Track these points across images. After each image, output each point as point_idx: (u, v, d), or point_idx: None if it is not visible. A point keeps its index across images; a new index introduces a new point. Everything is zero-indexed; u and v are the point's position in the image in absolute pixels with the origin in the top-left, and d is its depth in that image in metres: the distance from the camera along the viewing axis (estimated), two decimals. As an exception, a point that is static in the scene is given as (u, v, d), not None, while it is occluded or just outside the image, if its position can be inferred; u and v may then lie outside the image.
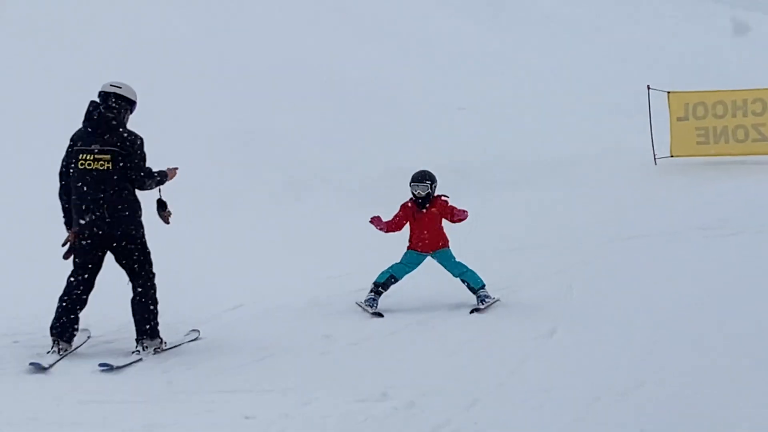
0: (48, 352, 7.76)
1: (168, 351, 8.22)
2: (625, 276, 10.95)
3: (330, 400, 6.76)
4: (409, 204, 9.99)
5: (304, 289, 10.56)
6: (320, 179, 16.81)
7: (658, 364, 7.51)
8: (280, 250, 12.70)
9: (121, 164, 7.75)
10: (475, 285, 9.74)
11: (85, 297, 7.94)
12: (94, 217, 7.74)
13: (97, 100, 7.95)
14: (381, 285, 9.83)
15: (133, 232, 7.90)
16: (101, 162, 7.73)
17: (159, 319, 8.10)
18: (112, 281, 8.26)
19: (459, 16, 28.16)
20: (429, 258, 9.96)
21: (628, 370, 7.32)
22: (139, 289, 7.99)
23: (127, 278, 8.11)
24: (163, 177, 8.12)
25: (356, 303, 9.82)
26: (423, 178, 9.89)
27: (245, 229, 13.83)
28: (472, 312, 9.49)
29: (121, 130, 7.84)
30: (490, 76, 24.28)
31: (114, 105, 7.88)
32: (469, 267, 9.85)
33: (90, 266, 7.92)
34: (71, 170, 7.87)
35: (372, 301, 9.70)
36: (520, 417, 6.38)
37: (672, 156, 18.69)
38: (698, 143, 18.77)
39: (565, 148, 19.53)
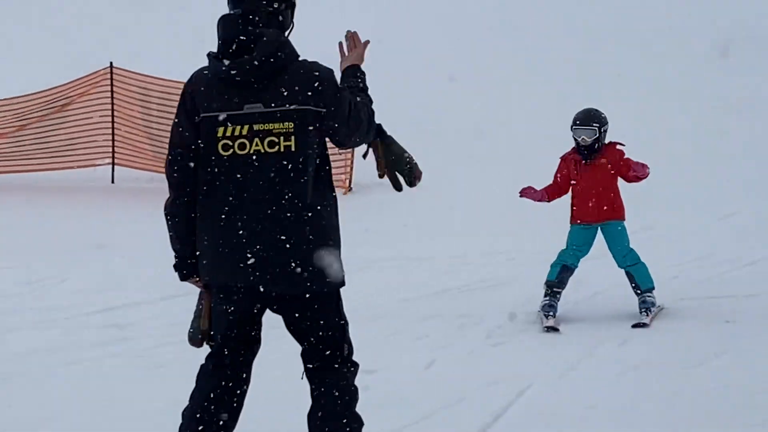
0: None
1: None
2: None
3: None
4: (571, 156, 7.44)
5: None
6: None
7: None
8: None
9: (312, 136, 3.71)
10: (642, 285, 7.28)
11: (237, 402, 3.86)
12: (262, 257, 3.67)
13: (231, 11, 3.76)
14: (554, 284, 7.31)
15: (330, 278, 3.74)
16: (272, 139, 3.67)
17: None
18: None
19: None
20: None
21: None
22: (336, 394, 3.78)
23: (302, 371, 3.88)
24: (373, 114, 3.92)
25: (538, 312, 7.39)
26: (588, 118, 7.24)
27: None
28: (635, 326, 7.07)
29: (303, 64, 3.76)
30: None
31: (273, 9, 3.74)
32: (641, 260, 7.35)
33: (246, 346, 3.88)
34: (193, 162, 3.75)
35: (548, 308, 7.22)
36: None
37: None
38: None
39: None
